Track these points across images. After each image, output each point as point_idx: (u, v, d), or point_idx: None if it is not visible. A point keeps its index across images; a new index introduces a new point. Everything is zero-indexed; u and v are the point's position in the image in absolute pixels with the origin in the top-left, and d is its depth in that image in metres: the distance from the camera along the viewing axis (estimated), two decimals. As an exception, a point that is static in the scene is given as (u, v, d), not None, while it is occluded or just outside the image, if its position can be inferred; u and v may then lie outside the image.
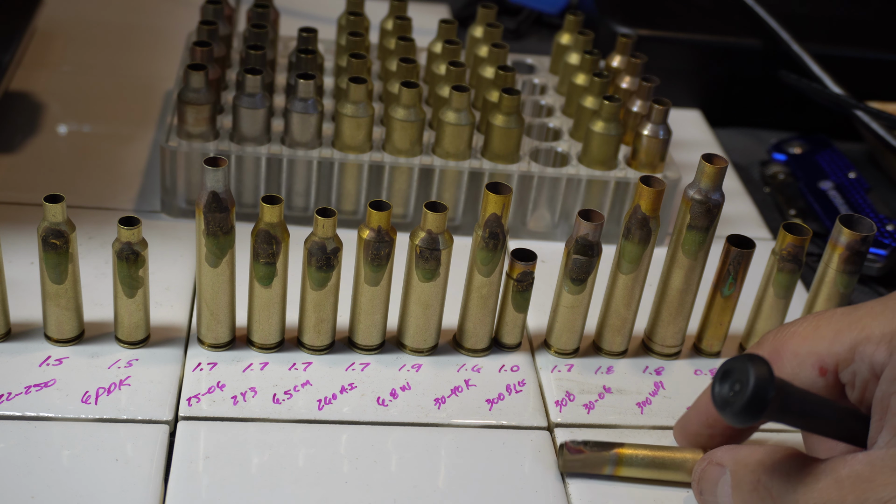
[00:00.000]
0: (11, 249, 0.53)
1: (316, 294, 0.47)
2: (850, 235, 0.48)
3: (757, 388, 0.34)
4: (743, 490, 0.39)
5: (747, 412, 0.34)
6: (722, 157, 0.47)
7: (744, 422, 0.35)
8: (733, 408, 0.35)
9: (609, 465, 0.44)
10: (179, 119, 0.56)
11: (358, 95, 0.56)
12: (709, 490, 0.41)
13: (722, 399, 0.35)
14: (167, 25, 0.81)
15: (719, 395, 0.35)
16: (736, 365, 0.35)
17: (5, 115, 0.66)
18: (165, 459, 0.43)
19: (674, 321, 0.51)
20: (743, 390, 0.34)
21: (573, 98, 0.64)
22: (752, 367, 0.34)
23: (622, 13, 0.77)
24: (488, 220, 0.46)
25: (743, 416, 0.34)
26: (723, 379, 0.36)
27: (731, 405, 0.35)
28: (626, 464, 0.44)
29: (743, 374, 0.35)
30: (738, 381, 0.35)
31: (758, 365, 0.34)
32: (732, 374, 0.35)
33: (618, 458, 0.44)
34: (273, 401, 0.46)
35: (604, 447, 0.44)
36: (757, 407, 0.34)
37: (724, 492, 0.40)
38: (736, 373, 0.35)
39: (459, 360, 0.50)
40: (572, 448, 0.44)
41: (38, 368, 0.46)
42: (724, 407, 0.35)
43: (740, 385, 0.35)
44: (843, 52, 0.76)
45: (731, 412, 0.35)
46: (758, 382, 0.34)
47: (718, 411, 0.35)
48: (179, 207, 0.58)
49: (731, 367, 0.35)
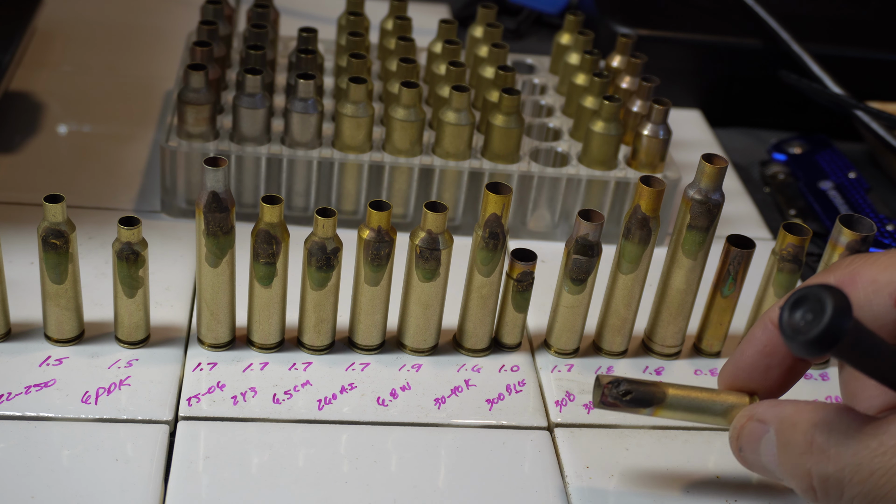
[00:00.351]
0: (11, 249, 0.53)
1: (316, 294, 0.47)
2: (850, 235, 0.48)
3: (835, 317, 0.32)
4: (793, 451, 0.37)
5: (820, 342, 0.32)
6: (722, 157, 0.47)
7: (814, 352, 0.32)
8: (805, 336, 0.32)
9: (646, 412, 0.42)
10: (179, 119, 0.56)
11: (358, 95, 0.56)
12: (750, 448, 0.39)
13: (792, 327, 0.33)
14: (167, 25, 0.81)
15: (789, 322, 0.33)
16: (811, 293, 0.33)
17: (5, 115, 0.66)
18: (165, 459, 0.43)
19: (674, 321, 0.51)
20: (817, 319, 0.32)
21: (573, 98, 0.64)
22: (830, 296, 0.32)
23: (622, 13, 0.77)
24: (488, 220, 0.46)
25: (814, 346, 0.32)
26: (794, 307, 0.33)
27: (803, 334, 0.32)
28: (667, 409, 0.42)
29: (818, 303, 0.32)
30: (811, 310, 0.33)
31: (836, 295, 0.32)
32: (806, 303, 0.33)
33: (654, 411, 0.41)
34: (273, 401, 0.46)
35: (641, 403, 0.41)
36: (832, 337, 0.32)
37: (768, 451, 0.38)
38: (810, 301, 0.33)
39: (459, 360, 0.50)
40: (608, 402, 0.41)
41: (38, 368, 0.46)
42: (795, 335, 0.33)
43: (813, 315, 0.32)
44: (843, 52, 0.76)
45: (802, 341, 0.32)
46: (836, 312, 0.32)
47: (787, 340, 0.33)
48: (179, 207, 0.58)
49: (805, 295, 0.33)
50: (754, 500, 0.45)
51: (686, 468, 0.46)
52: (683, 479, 0.45)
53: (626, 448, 0.46)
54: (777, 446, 0.38)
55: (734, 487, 0.45)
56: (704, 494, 0.45)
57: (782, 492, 0.45)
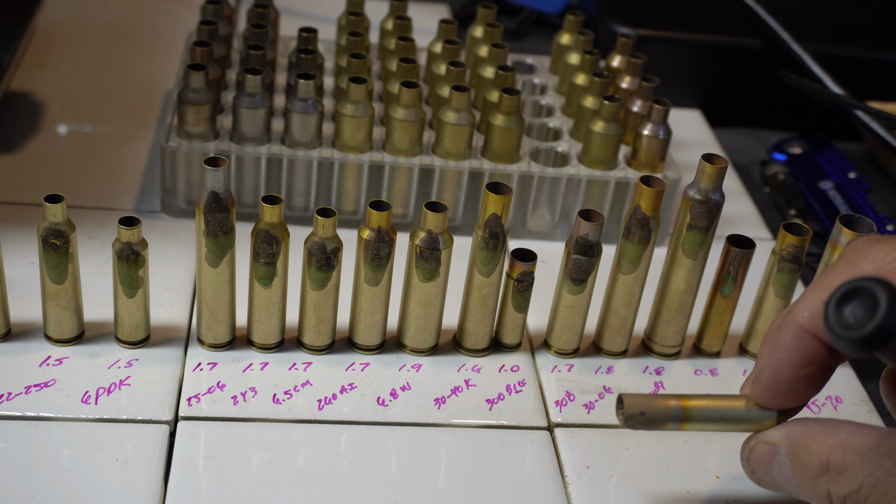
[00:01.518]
0: (11, 249, 0.53)
1: (316, 294, 0.47)
2: (850, 235, 0.48)
3: (890, 312, 0.30)
4: (809, 472, 0.37)
5: (875, 339, 0.30)
6: (722, 157, 0.47)
7: (866, 350, 0.31)
8: (858, 332, 0.31)
9: (672, 423, 0.40)
10: (179, 119, 0.56)
11: (358, 95, 0.56)
12: (762, 470, 0.39)
13: (841, 324, 0.31)
14: (167, 25, 0.81)
15: (837, 319, 0.32)
16: (861, 286, 0.31)
17: (5, 115, 0.66)
18: (165, 459, 0.43)
19: (674, 321, 0.51)
20: (870, 315, 0.31)
21: (573, 98, 0.64)
22: (884, 290, 0.30)
23: (622, 13, 0.77)
24: (488, 220, 0.46)
25: (868, 343, 0.31)
26: (841, 302, 0.32)
27: (854, 330, 0.31)
28: (691, 421, 0.40)
29: (870, 297, 0.31)
30: (862, 305, 0.31)
31: (889, 288, 0.31)
32: (855, 298, 0.31)
33: (681, 418, 0.40)
34: (273, 401, 0.46)
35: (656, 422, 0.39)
36: (888, 333, 0.30)
37: (782, 472, 0.38)
38: (861, 296, 0.31)
39: (459, 360, 0.50)
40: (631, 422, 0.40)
41: (38, 368, 0.46)
42: (845, 333, 0.31)
43: (865, 310, 0.31)
44: (843, 52, 0.76)
45: (853, 338, 0.31)
46: (891, 306, 0.30)
47: (834, 338, 0.32)
48: (179, 207, 0.58)
49: (855, 289, 0.32)
50: (754, 500, 0.45)
51: (686, 468, 0.46)
52: (683, 479, 0.45)
53: (626, 448, 0.46)
54: (791, 468, 0.38)
55: (734, 487, 0.45)
56: (704, 494, 0.45)
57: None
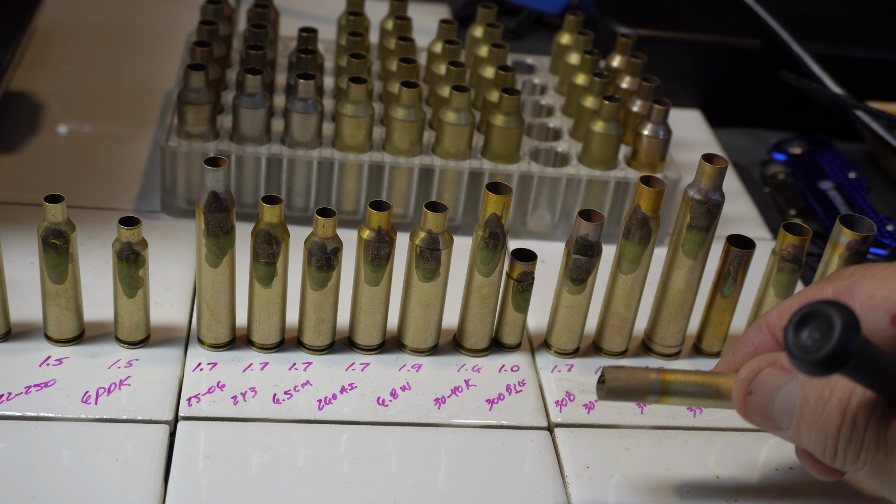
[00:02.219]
0: (11, 249, 0.53)
1: (316, 294, 0.47)
2: (850, 235, 0.48)
3: (843, 336, 0.30)
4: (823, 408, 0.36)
5: (829, 362, 0.31)
6: (722, 157, 0.47)
7: (823, 372, 0.31)
8: (815, 356, 0.31)
9: (653, 395, 0.40)
10: (179, 119, 0.56)
11: (358, 95, 0.56)
12: (763, 394, 0.38)
13: (799, 347, 0.32)
14: (167, 25, 0.81)
15: (795, 342, 0.32)
16: (817, 310, 0.32)
17: (5, 115, 0.66)
18: (165, 459, 0.43)
19: (674, 321, 0.51)
20: (825, 338, 0.31)
21: (573, 98, 0.64)
22: (838, 313, 0.31)
23: (622, 13, 0.77)
24: (488, 220, 0.46)
25: (823, 366, 0.31)
26: (799, 325, 0.32)
27: (811, 353, 0.31)
28: (672, 395, 0.40)
29: (826, 320, 0.31)
30: (818, 328, 0.31)
31: (844, 312, 0.31)
32: (812, 321, 0.32)
33: (661, 392, 0.40)
34: (273, 401, 0.46)
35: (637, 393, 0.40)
36: (841, 357, 0.31)
37: (787, 400, 0.37)
38: (817, 319, 0.31)
39: (459, 360, 0.50)
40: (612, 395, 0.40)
41: (38, 368, 0.46)
42: (803, 355, 0.31)
43: (821, 333, 0.31)
44: (843, 52, 0.76)
45: (810, 361, 0.31)
46: (845, 330, 0.31)
47: (793, 361, 0.32)
48: (179, 207, 0.58)
49: (811, 313, 0.32)
50: (754, 500, 0.45)
51: (686, 468, 0.46)
52: (683, 479, 0.45)
53: (626, 448, 0.46)
54: (802, 399, 0.37)
55: (734, 487, 0.45)
56: (704, 494, 0.45)
57: (782, 492, 0.45)
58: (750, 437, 0.48)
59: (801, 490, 0.45)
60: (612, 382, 0.40)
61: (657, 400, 0.40)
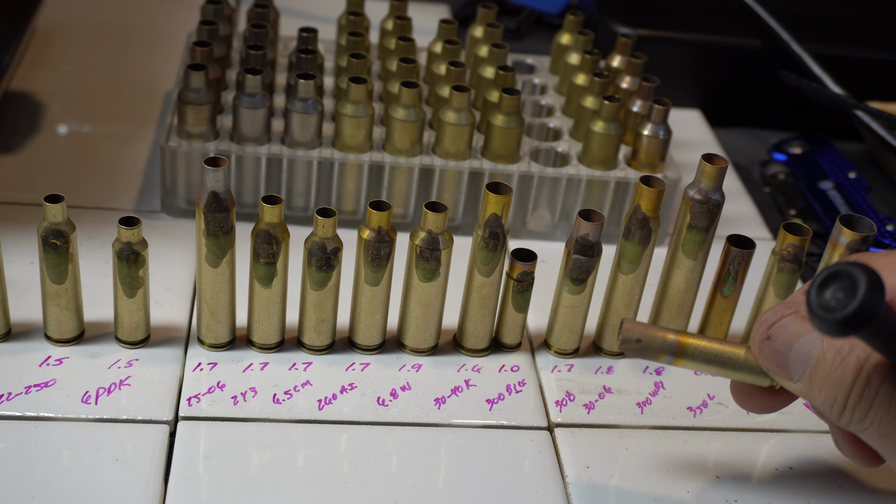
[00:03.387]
0: (11, 249, 0.53)
1: (316, 294, 0.47)
2: (850, 235, 0.48)
3: (868, 295, 0.30)
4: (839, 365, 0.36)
5: (853, 321, 0.31)
6: (722, 157, 0.47)
7: (845, 332, 0.31)
8: (838, 314, 0.31)
9: (667, 355, 0.41)
10: (179, 119, 0.56)
11: (358, 95, 0.56)
12: (782, 340, 0.37)
13: (822, 306, 0.31)
14: (167, 25, 0.81)
15: (818, 301, 0.31)
16: (842, 270, 0.31)
17: (5, 115, 0.66)
18: (165, 459, 0.43)
19: (674, 321, 0.51)
20: (850, 297, 0.31)
21: (573, 98, 0.64)
22: (864, 273, 0.31)
23: (622, 13, 0.77)
24: (488, 220, 0.46)
25: (847, 324, 0.31)
26: (823, 285, 0.32)
27: (834, 312, 0.31)
28: (687, 357, 0.41)
29: (850, 280, 0.31)
30: (842, 288, 0.31)
31: (869, 273, 0.31)
32: (836, 281, 0.32)
33: (677, 348, 0.40)
34: (273, 401, 0.46)
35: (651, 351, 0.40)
36: (866, 316, 0.30)
37: (804, 351, 0.37)
38: (841, 279, 0.31)
39: (459, 360, 0.50)
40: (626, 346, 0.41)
41: (38, 368, 0.46)
42: (825, 314, 0.31)
43: (845, 293, 0.31)
44: (843, 52, 0.76)
45: (833, 319, 0.31)
46: (870, 289, 0.30)
47: (815, 319, 0.31)
48: (179, 207, 0.58)
49: (836, 272, 0.32)
50: (754, 500, 0.45)
51: (686, 468, 0.46)
52: (683, 479, 0.45)
53: (626, 448, 0.46)
54: (820, 351, 0.36)
55: (734, 487, 0.45)
56: (704, 494, 0.45)
57: (782, 492, 0.45)
58: (750, 437, 0.48)
59: (801, 490, 0.45)
60: (627, 333, 0.40)
61: (671, 361, 0.40)
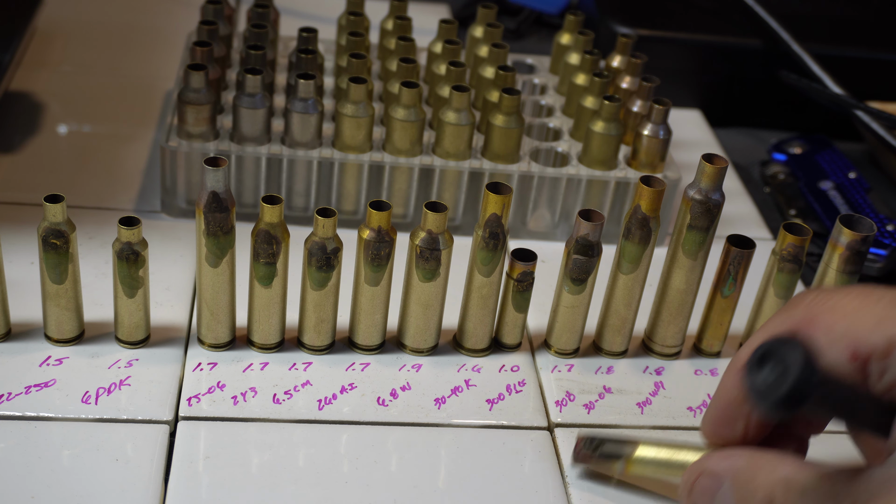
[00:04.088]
0: (11, 249, 0.53)
1: (316, 294, 0.47)
2: (850, 235, 0.48)
3: (801, 375, 0.30)
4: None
5: (788, 402, 0.30)
6: (722, 157, 0.47)
7: (783, 412, 0.31)
8: (773, 397, 0.31)
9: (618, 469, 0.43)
10: (179, 119, 0.56)
11: (358, 95, 0.56)
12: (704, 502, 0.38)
13: (758, 388, 0.32)
14: (167, 25, 0.81)
15: (755, 383, 0.32)
16: (774, 348, 0.32)
17: (5, 115, 0.66)
18: (165, 459, 0.43)
19: (674, 321, 0.51)
20: (783, 378, 0.31)
21: (573, 98, 0.64)
22: (795, 352, 0.31)
23: (622, 13, 0.77)
24: (488, 220, 0.46)
25: (783, 405, 0.31)
26: (758, 364, 0.32)
27: (770, 394, 0.31)
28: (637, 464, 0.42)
29: (782, 360, 0.31)
30: (776, 367, 0.31)
31: (800, 350, 0.31)
32: (770, 360, 0.32)
33: (625, 467, 0.43)
34: (273, 401, 0.46)
35: (613, 457, 0.43)
36: (799, 396, 0.30)
37: None
38: (774, 358, 0.32)
39: (459, 360, 0.50)
40: (580, 454, 0.44)
41: (38, 368, 0.46)
42: (762, 397, 0.31)
43: (779, 373, 0.31)
44: (843, 52, 0.76)
45: (770, 402, 0.31)
46: (802, 369, 0.30)
47: (754, 401, 0.31)
48: (179, 207, 0.58)
49: (769, 351, 0.32)
50: (754, 500, 0.45)
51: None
52: (683, 479, 0.45)
53: (626, 448, 0.46)
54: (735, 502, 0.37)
55: (734, 487, 0.45)
56: (704, 494, 0.45)
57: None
58: (750, 437, 0.48)
59: (801, 490, 0.45)
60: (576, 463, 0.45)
61: (623, 469, 0.43)
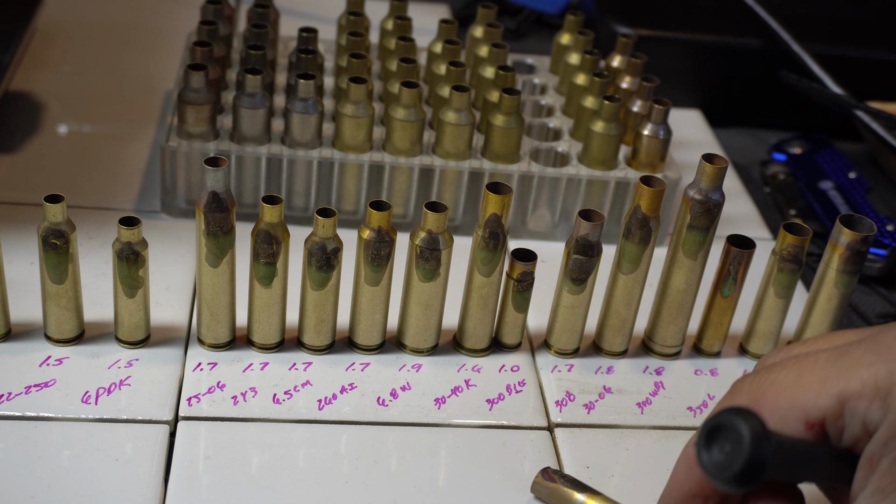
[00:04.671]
0: (11, 249, 0.53)
1: (316, 294, 0.47)
2: (850, 235, 0.48)
3: (755, 447, 0.30)
4: None
5: (746, 476, 0.30)
6: (722, 157, 0.47)
7: (743, 487, 0.31)
8: (730, 472, 0.30)
9: None
10: (179, 119, 0.56)
11: (358, 95, 0.56)
12: None
13: (714, 465, 0.31)
14: (167, 25, 0.81)
15: (710, 461, 0.31)
16: (723, 422, 0.31)
17: (5, 115, 0.66)
18: (165, 459, 0.43)
19: (674, 321, 0.51)
20: (737, 452, 0.30)
21: (573, 98, 0.64)
22: (744, 422, 0.30)
23: (622, 13, 0.77)
24: (488, 220, 0.46)
25: (741, 480, 0.30)
26: (709, 441, 0.31)
27: (726, 470, 0.30)
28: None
29: (734, 432, 0.30)
30: (728, 441, 0.31)
31: (749, 419, 0.30)
32: (720, 435, 0.31)
33: None
34: (273, 401, 0.46)
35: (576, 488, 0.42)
36: (757, 469, 0.30)
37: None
38: (725, 432, 0.31)
39: (459, 360, 0.50)
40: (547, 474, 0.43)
41: (38, 368, 0.46)
42: (719, 473, 0.31)
43: (732, 446, 0.31)
44: (843, 52, 0.76)
45: (727, 478, 0.30)
46: (755, 439, 0.30)
47: (711, 479, 0.31)
48: (179, 207, 0.58)
49: (718, 426, 0.31)
50: (754, 500, 0.45)
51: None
52: (683, 479, 0.45)
53: (626, 448, 0.46)
54: None
55: (734, 487, 0.45)
56: (704, 494, 0.45)
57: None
58: (750, 437, 0.48)
59: (801, 490, 0.45)
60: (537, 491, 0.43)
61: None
